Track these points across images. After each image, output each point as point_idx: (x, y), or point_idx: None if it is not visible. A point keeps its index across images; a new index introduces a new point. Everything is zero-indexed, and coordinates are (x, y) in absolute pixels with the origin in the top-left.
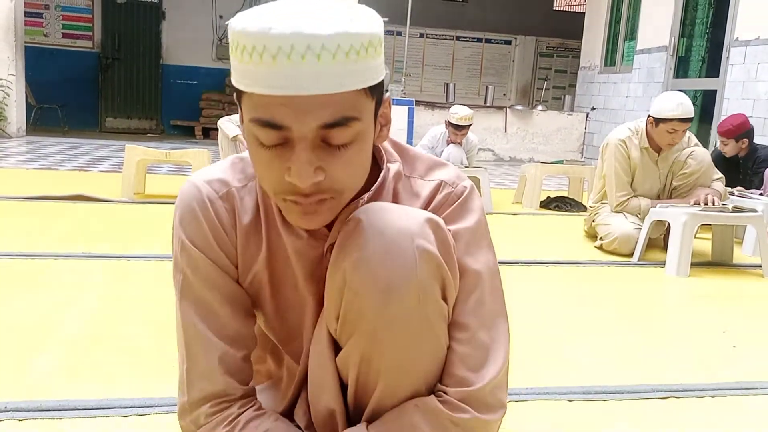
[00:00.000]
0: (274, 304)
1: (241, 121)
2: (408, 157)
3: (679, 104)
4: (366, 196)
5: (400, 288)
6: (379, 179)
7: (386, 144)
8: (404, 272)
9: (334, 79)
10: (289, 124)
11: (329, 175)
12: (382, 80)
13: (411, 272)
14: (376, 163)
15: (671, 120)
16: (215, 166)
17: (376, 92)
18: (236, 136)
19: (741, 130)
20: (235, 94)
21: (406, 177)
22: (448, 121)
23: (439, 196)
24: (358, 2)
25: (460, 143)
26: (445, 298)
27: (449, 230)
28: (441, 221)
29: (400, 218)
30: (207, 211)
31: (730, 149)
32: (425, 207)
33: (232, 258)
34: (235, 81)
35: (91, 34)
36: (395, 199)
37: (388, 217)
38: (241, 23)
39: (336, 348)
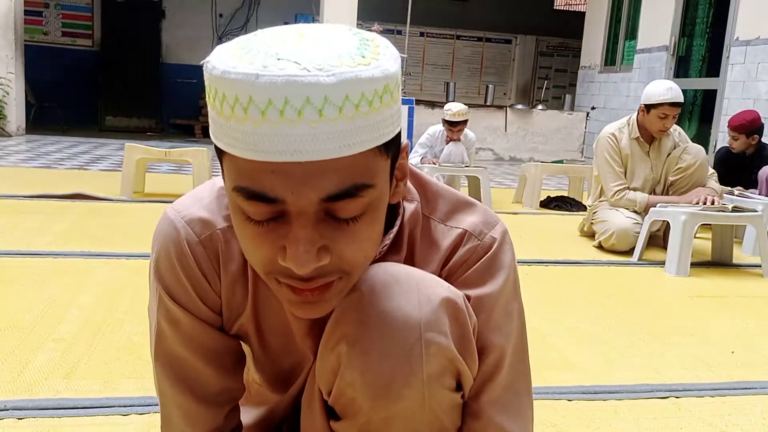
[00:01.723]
0: (263, 351)
1: (224, 177)
2: (429, 192)
3: (668, 89)
4: (378, 252)
5: (400, 389)
6: (394, 229)
7: None
8: (407, 371)
9: (340, 139)
10: (283, 197)
11: (336, 255)
12: (399, 131)
13: (415, 371)
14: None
15: (662, 104)
16: (199, 197)
17: (392, 147)
18: None
19: (753, 125)
20: (214, 148)
21: (426, 217)
22: (444, 119)
23: (461, 251)
24: (357, 6)
25: (458, 140)
26: (460, 386)
27: (469, 297)
28: (460, 300)
29: (409, 299)
30: (184, 258)
31: (739, 144)
32: (445, 262)
33: (216, 307)
34: (213, 136)
35: (90, 32)
36: (411, 249)
37: (395, 296)
38: (219, 64)
39: (330, 410)
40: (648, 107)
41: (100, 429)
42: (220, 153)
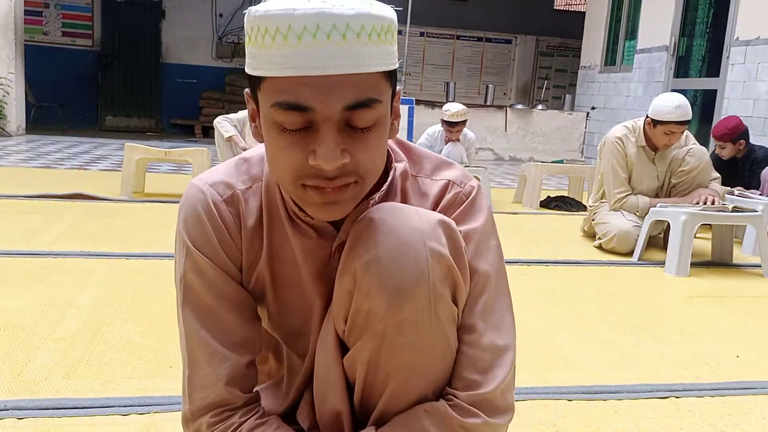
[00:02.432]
0: (277, 304)
1: (252, 119)
2: (414, 155)
3: (677, 107)
4: (377, 196)
5: (412, 290)
6: (388, 179)
7: (391, 143)
8: (416, 274)
9: (359, 59)
10: (315, 105)
11: (353, 159)
12: (396, 70)
13: (423, 274)
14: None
15: (669, 122)
16: (219, 168)
17: (393, 80)
18: (231, 136)
19: (737, 132)
20: (247, 89)
21: (413, 176)
22: (443, 120)
23: (447, 196)
24: None
25: (457, 140)
26: (455, 301)
27: (460, 231)
28: (452, 223)
29: (411, 219)
30: (212, 215)
31: (727, 152)
32: (433, 207)
33: (237, 262)
34: (254, 69)
35: (90, 32)
36: (404, 199)
37: (399, 217)
38: (262, 8)
39: (343, 349)
40: (655, 122)
41: (100, 429)
42: (256, 84)
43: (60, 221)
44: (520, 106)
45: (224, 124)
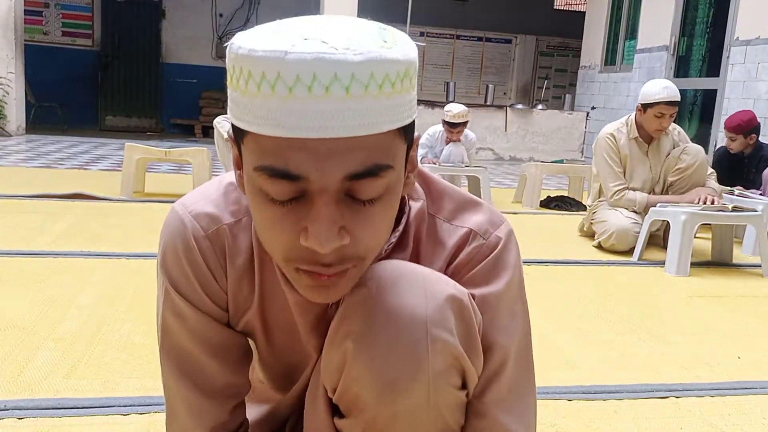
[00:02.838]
0: (269, 348)
1: (237, 167)
2: (434, 191)
3: (664, 87)
4: (385, 247)
5: (407, 386)
6: (401, 227)
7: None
8: (413, 369)
9: (366, 117)
10: (308, 173)
11: (353, 238)
12: (414, 119)
13: (421, 369)
14: None
15: (658, 103)
16: (207, 192)
17: (409, 134)
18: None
19: (750, 125)
20: (230, 133)
21: (431, 216)
22: (444, 120)
23: (467, 249)
24: (357, 5)
25: (458, 141)
26: (465, 385)
27: (474, 296)
28: (465, 298)
29: (416, 296)
30: (191, 252)
31: (737, 145)
32: (450, 260)
33: (222, 302)
34: (236, 117)
35: (90, 32)
36: (416, 248)
37: (401, 292)
38: (245, 43)
39: (334, 405)
40: (644, 106)
41: (100, 429)
42: (239, 136)
43: (60, 221)
44: (520, 106)
45: (224, 124)
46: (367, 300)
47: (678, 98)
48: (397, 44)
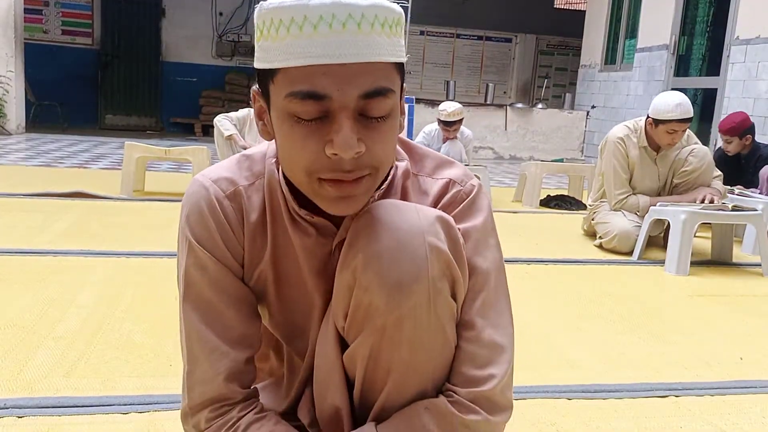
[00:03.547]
0: (279, 302)
1: (260, 117)
2: (416, 154)
3: (677, 105)
4: (376, 194)
5: (411, 285)
6: (389, 177)
7: None
8: (415, 269)
9: (374, 48)
10: (331, 93)
11: (368, 149)
12: (404, 66)
13: (422, 269)
14: None
15: (670, 121)
16: (221, 164)
17: (402, 73)
18: (231, 135)
19: (744, 126)
20: (256, 85)
21: (414, 175)
22: (439, 119)
23: (447, 195)
24: None
25: (454, 138)
26: (454, 297)
27: (459, 229)
28: (451, 219)
29: (411, 215)
30: (215, 210)
31: (733, 147)
32: (434, 205)
33: (239, 258)
34: (267, 62)
35: (90, 31)
36: (404, 197)
37: (399, 214)
38: (274, 1)
39: (343, 345)
40: (656, 122)
41: (100, 427)
42: (268, 78)
43: (60, 220)
44: (520, 105)
45: (224, 123)
46: (368, 224)
47: (691, 115)
48: (391, 2)
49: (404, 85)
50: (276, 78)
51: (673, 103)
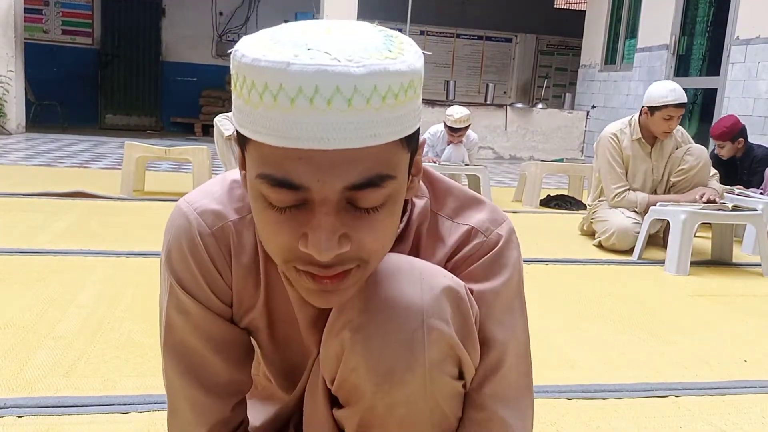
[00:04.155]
0: (272, 345)
1: (242, 168)
2: (438, 190)
3: (671, 90)
4: None
5: (403, 376)
6: (402, 222)
7: None
8: (409, 357)
9: (366, 129)
10: (309, 184)
11: (355, 243)
12: (419, 127)
13: (417, 357)
14: None
15: (666, 106)
16: (211, 189)
17: (413, 142)
18: (231, 135)
19: (734, 130)
20: (235, 137)
21: (434, 213)
22: (445, 123)
23: (467, 247)
24: (357, 4)
25: (459, 143)
26: (461, 375)
27: (472, 291)
28: (462, 290)
29: (412, 287)
30: (196, 250)
31: (727, 151)
32: (450, 256)
33: (227, 299)
34: (239, 124)
35: (90, 30)
36: (417, 243)
37: (398, 283)
38: (249, 52)
39: (334, 397)
40: (652, 109)
41: (100, 427)
42: (243, 142)
43: (60, 219)
44: (520, 105)
45: (224, 123)
46: (364, 291)
47: (685, 100)
48: (403, 54)
49: (422, 139)
50: (249, 147)
51: (667, 89)
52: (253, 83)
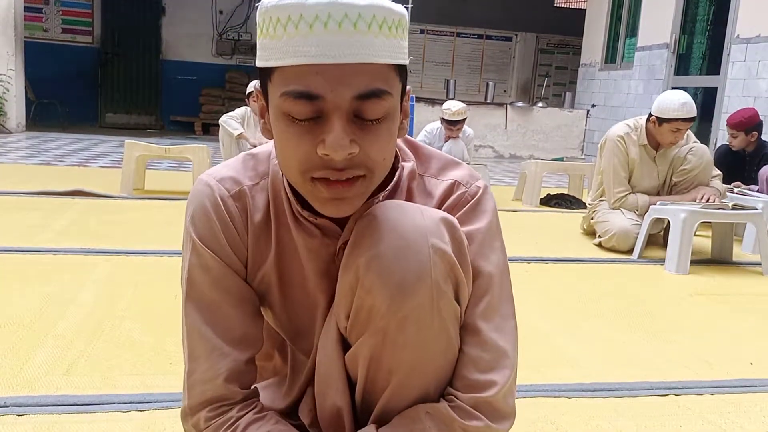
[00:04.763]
0: (283, 302)
1: (261, 115)
2: (422, 155)
3: (683, 104)
4: (381, 195)
5: (413, 286)
6: (394, 178)
7: (399, 142)
8: (418, 271)
9: (369, 49)
10: (324, 93)
11: (362, 150)
12: (407, 68)
13: (425, 271)
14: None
15: (675, 120)
16: (226, 163)
17: (403, 75)
18: (241, 134)
19: (752, 122)
20: (257, 83)
21: (420, 176)
22: (443, 118)
23: (452, 197)
24: None
25: (457, 138)
26: (458, 300)
27: (463, 231)
28: (455, 221)
29: (414, 216)
30: (219, 210)
31: (738, 142)
32: (438, 207)
33: (243, 258)
34: (265, 60)
35: (90, 29)
36: (409, 198)
37: (402, 215)
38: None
39: (345, 346)
40: (660, 120)
41: (100, 426)
42: (267, 77)
43: (60, 218)
44: (520, 104)
45: (231, 123)
46: (372, 224)
47: (695, 114)
48: (392, 2)
49: (408, 88)
50: (273, 77)
51: (679, 102)
52: (278, 19)
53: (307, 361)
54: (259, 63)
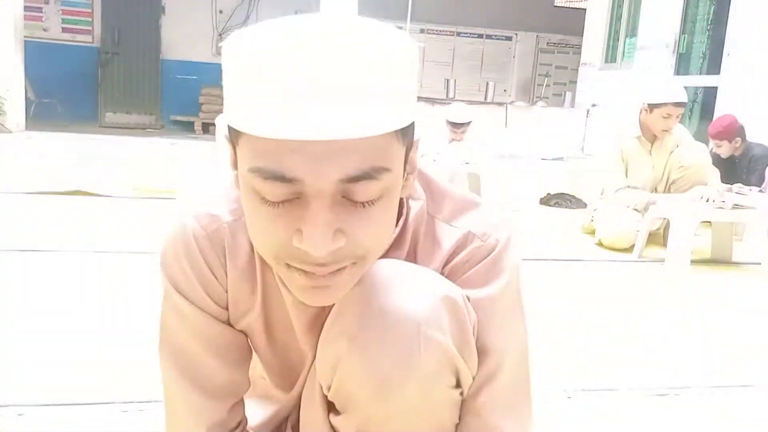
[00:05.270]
0: (270, 348)
1: (234, 166)
2: (435, 192)
3: (671, 88)
4: None
5: (399, 384)
6: (399, 225)
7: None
8: (405, 367)
9: (363, 118)
10: (303, 177)
11: (350, 239)
12: (414, 123)
13: (413, 366)
14: None
15: (666, 104)
16: (210, 192)
17: (408, 135)
18: None
19: (731, 130)
20: (227, 133)
21: (430, 216)
22: (447, 120)
23: (464, 252)
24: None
25: (460, 140)
26: (459, 384)
27: (470, 297)
28: (460, 298)
29: (409, 295)
30: (191, 251)
31: (724, 150)
32: (447, 261)
33: (222, 301)
34: (231, 109)
35: (90, 28)
36: (413, 247)
37: (395, 291)
38: (241, 39)
39: (330, 403)
40: (651, 107)
41: (100, 426)
42: (234, 136)
43: (60, 218)
44: (520, 103)
45: None
46: (360, 298)
47: (685, 99)
48: (395, 43)
49: (417, 138)
50: (240, 140)
51: (667, 87)
52: (244, 68)
53: (285, 394)
54: (225, 112)
